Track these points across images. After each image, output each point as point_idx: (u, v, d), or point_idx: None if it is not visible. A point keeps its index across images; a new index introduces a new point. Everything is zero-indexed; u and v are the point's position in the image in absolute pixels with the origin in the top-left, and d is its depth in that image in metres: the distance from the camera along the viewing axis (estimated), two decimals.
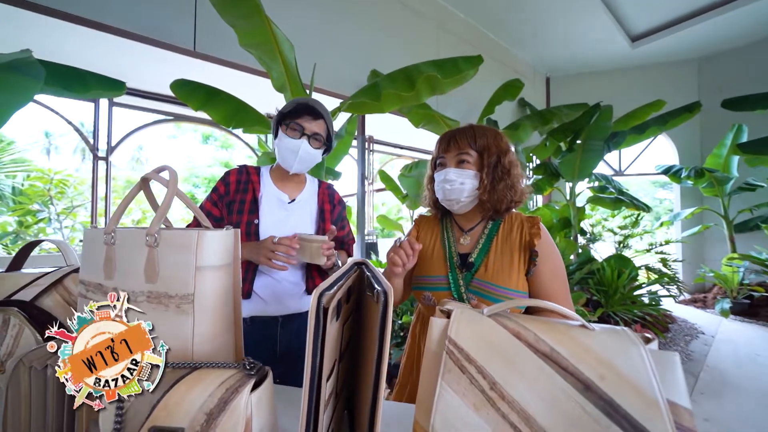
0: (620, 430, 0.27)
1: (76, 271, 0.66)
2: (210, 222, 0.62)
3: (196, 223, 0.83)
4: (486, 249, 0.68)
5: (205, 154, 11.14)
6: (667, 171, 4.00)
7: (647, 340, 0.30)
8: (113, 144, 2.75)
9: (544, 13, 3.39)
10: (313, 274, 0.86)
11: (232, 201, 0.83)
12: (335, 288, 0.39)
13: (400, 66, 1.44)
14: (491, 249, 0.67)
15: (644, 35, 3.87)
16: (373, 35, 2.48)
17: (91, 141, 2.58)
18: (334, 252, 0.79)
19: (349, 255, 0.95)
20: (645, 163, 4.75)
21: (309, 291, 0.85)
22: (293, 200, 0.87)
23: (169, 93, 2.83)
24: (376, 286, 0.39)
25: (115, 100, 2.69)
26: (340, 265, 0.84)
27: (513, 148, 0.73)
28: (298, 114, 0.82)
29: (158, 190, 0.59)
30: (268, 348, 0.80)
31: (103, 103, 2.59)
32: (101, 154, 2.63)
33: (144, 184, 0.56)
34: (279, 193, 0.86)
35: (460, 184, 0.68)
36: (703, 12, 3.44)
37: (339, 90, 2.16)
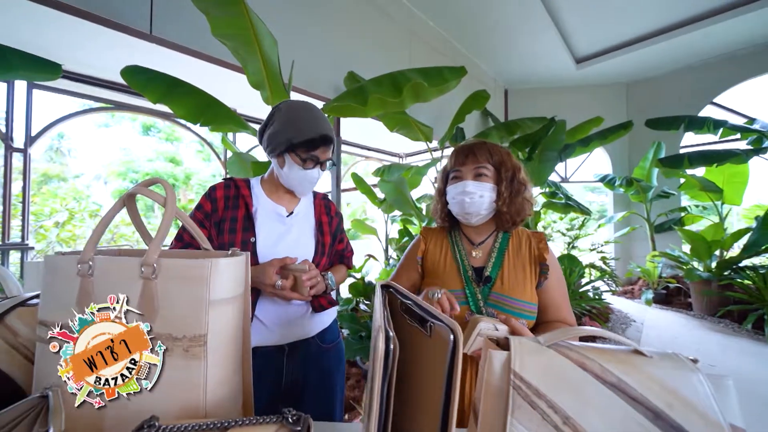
0: None
1: (22, 304, 0.53)
2: (210, 245, 0.54)
3: (179, 244, 0.72)
4: (499, 263, 0.69)
5: (145, 146, 9.90)
6: (603, 179, 4.58)
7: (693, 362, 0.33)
8: (33, 134, 2.31)
9: (504, 30, 3.64)
10: None
11: (222, 219, 0.73)
12: (385, 322, 0.36)
13: (375, 69, 1.43)
14: (504, 263, 0.69)
15: (586, 59, 4.37)
16: (349, 37, 2.42)
17: (3, 129, 2.14)
18: (319, 280, 0.71)
19: (349, 268, 0.91)
20: (585, 171, 5.38)
21: (315, 309, 0.78)
22: (291, 213, 0.80)
23: (109, 78, 2.47)
24: (431, 319, 0.37)
25: (37, 82, 2.26)
26: (332, 284, 0.78)
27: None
28: (315, 145, 0.74)
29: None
30: (273, 381, 0.72)
31: (20, 85, 2.16)
32: (17, 145, 2.19)
33: (130, 200, 0.47)
34: (275, 207, 0.78)
35: (479, 197, 0.70)
36: (632, 43, 4.00)
37: (316, 90, 2.07)
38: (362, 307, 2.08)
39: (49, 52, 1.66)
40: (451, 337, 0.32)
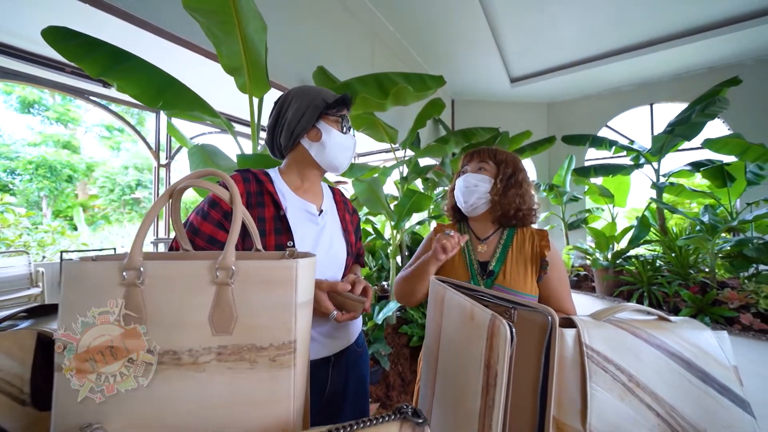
0: (714, 390, 0.38)
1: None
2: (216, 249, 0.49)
3: (177, 245, 0.62)
4: (503, 258, 0.77)
5: (24, 127, 7.78)
6: None
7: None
8: None
9: (454, 44, 3.95)
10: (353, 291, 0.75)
11: None
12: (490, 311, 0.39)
13: (340, 67, 1.41)
14: (507, 258, 0.77)
15: (519, 79, 5.02)
16: (316, 31, 2.34)
17: None
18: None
19: (362, 266, 0.89)
20: None
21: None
22: (322, 211, 0.72)
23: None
24: (517, 306, 0.41)
25: None
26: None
27: (526, 169, 0.87)
28: (347, 103, 0.70)
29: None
30: (316, 393, 0.66)
31: None
32: None
33: (178, 195, 0.41)
34: (305, 204, 0.69)
35: (474, 186, 0.79)
36: (553, 71, 4.74)
37: (281, 81, 1.94)
38: None
39: None
40: (550, 319, 0.37)
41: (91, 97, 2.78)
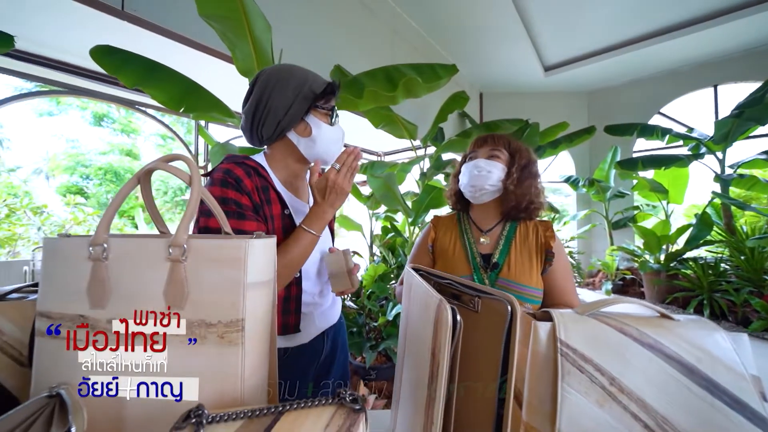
0: (722, 403, 0.32)
1: (2, 298, 0.46)
2: (230, 228, 0.51)
3: (195, 232, 0.67)
4: (506, 250, 0.73)
5: (96, 138, 8.95)
6: (568, 180, 4.94)
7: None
8: None
9: (482, 36, 3.78)
10: None
11: (262, 219, 0.61)
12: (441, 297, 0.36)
13: (359, 65, 1.41)
14: (511, 250, 0.73)
15: (553, 67, 4.67)
16: (334, 31, 2.38)
17: None
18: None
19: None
20: (550, 173, 5.75)
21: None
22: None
23: (61, 58, 2.21)
24: (480, 294, 0.38)
25: None
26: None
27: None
28: (334, 91, 0.66)
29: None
30: (314, 361, 0.72)
31: None
32: None
33: (146, 177, 0.43)
34: (296, 202, 0.70)
35: (487, 172, 0.74)
36: (593, 55, 4.35)
37: None
38: (348, 303, 2.05)
39: None
40: (509, 308, 0.33)
41: (141, 107, 3.10)
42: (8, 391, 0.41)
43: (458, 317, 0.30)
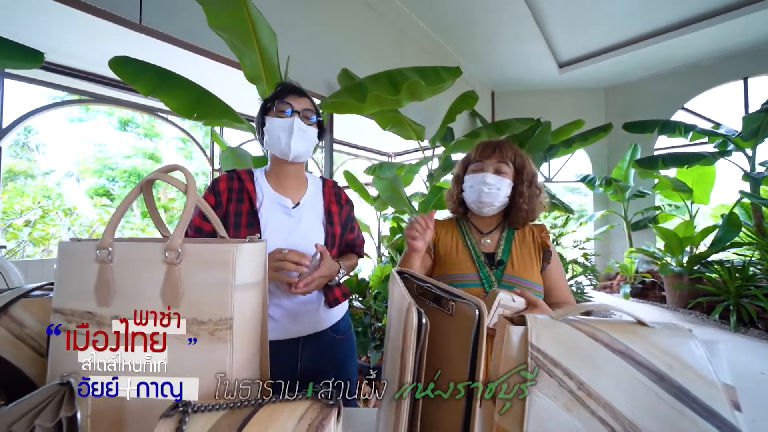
0: (692, 411, 0.32)
1: (26, 295, 0.51)
2: (226, 233, 0.54)
3: (190, 232, 0.74)
4: (508, 249, 0.76)
5: (122, 142, 9.45)
6: (584, 179, 4.78)
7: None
8: (4, 125, 2.19)
9: (492, 34, 3.73)
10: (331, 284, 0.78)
11: (226, 214, 0.72)
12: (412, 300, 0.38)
13: (367, 68, 1.44)
14: (513, 249, 0.76)
15: (568, 63, 4.54)
16: (341, 35, 2.42)
17: None
18: (310, 282, 0.68)
19: (360, 257, 0.92)
20: (566, 172, 5.58)
21: (330, 304, 0.77)
22: (297, 204, 0.78)
23: (88, 69, 2.36)
24: (454, 298, 0.39)
25: (8, 70, 2.13)
26: (341, 273, 0.78)
27: None
28: (283, 94, 0.76)
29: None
30: (289, 371, 0.72)
31: None
32: None
33: (147, 186, 0.47)
34: (280, 198, 0.76)
35: (497, 190, 0.76)
36: (610, 50, 4.19)
37: (308, 87, 2.05)
38: (356, 303, 2.08)
39: (20, 38, 1.57)
40: (477, 312, 0.34)
41: (161, 114, 3.25)
42: (29, 378, 0.45)
43: (424, 319, 0.32)
